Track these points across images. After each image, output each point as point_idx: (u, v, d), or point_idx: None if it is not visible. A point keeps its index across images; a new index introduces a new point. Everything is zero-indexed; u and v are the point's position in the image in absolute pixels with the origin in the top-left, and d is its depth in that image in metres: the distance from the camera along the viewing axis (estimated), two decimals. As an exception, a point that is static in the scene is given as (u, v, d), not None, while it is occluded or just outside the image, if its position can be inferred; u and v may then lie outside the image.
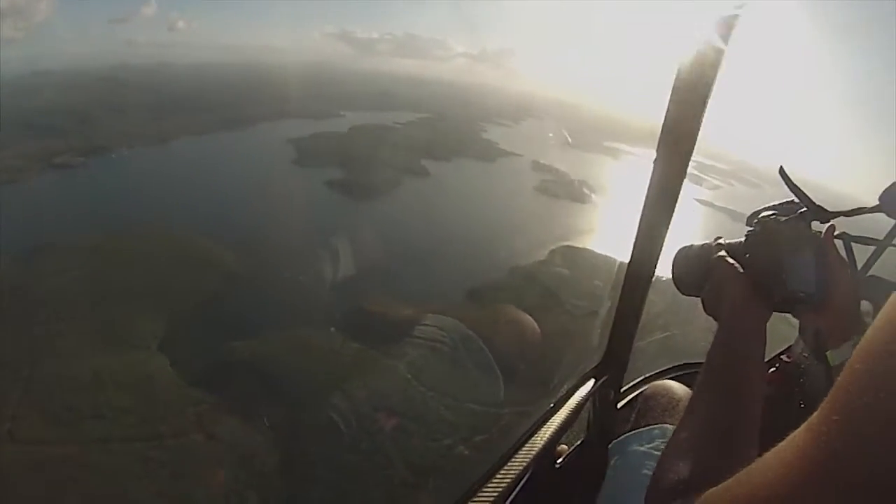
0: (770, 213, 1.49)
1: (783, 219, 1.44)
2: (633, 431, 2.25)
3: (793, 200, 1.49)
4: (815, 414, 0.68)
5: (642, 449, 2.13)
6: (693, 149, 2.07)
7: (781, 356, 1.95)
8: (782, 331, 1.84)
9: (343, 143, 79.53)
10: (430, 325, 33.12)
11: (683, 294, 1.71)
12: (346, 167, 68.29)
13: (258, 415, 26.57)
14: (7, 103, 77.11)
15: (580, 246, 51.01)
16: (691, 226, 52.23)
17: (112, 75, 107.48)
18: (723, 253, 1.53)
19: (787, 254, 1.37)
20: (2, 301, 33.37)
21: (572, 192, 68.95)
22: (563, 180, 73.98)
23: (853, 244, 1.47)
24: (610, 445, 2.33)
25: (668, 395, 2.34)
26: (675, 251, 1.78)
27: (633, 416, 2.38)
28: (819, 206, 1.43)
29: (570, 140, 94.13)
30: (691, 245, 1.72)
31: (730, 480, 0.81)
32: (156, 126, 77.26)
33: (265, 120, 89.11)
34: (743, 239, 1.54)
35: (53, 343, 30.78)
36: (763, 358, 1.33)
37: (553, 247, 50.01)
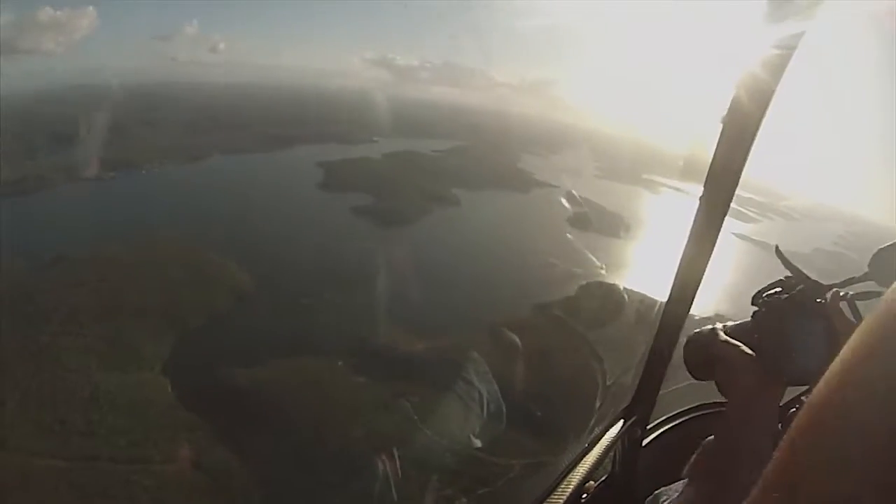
0: (774, 290, 1.58)
1: (786, 296, 1.53)
2: (669, 486, 2.10)
3: (791, 277, 1.57)
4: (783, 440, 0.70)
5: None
6: (737, 186, 2.07)
7: (801, 397, 1.78)
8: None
9: (374, 168, 78.91)
10: (442, 362, 31.72)
11: (696, 379, 1.77)
12: (373, 193, 67.50)
13: (248, 447, 25.48)
14: (44, 114, 78.44)
15: (611, 282, 48.51)
16: (729, 262, 49.86)
17: (152, 91, 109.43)
18: (727, 338, 1.60)
19: (796, 330, 1.46)
20: (15, 309, 32.79)
21: (606, 226, 66.14)
22: (597, 213, 71.39)
23: (857, 302, 1.46)
24: (657, 491, 2.09)
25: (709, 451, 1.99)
26: (686, 339, 1.84)
27: (671, 459, 2.10)
28: (815, 280, 1.52)
29: (606, 171, 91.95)
30: (701, 330, 1.77)
31: None
32: (189, 143, 77.89)
33: (297, 142, 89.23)
34: (749, 319, 1.62)
35: (58, 355, 30.38)
36: (774, 427, 1.43)
37: (584, 282, 47.87)
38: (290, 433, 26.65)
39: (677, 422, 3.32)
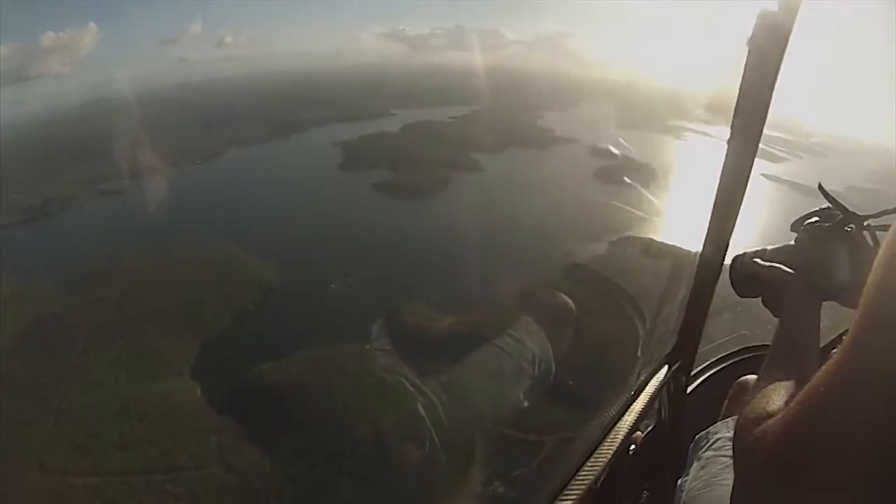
0: (813, 219, 1.79)
1: (825, 225, 1.73)
2: (721, 421, 2.42)
3: (829, 207, 1.74)
4: (848, 333, 0.89)
5: (729, 434, 2.27)
6: (764, 123, 2.11)
7: (842, 336, 1.63)
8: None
9: (393, 142, 77.44)
10: (471, 337, 30.79)
11: (741, 296, 1.99)
12: (393, 168, 66.30)
13: (277, 445, 25.23)
14: (60, 135, 79.36)
15: (643, 236, 46.88)
16: (760, 204, 47.75)
17: (165, 96, 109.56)
18: (773, 264, 1.82)
19: (829, 253, 1.68)
20: (44, 331, 33.10)
21: (634, 177, 63.43)
22: (623, 164, 68.89)
23: (878, 233, 1.64)
24: (697, 436, 2.41)
25: (746, 387, 2.40)
26: (731, 259, 2.05)
27: (715, 406, 2.58)
28: (852, 211, 1.69)
29: (628, 121, 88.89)
30: (745, 252, 2.00)
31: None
32: (205, 141, 77.65)
33: (314, 125, 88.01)
34: (792, 243, 1.86)
35: (87, 372, 30.22)
36: (818, 337, 1.59)
37: (614, 238, 46.29)
38: (318, 427, 26.10)
39: (719, 367, 3.39)
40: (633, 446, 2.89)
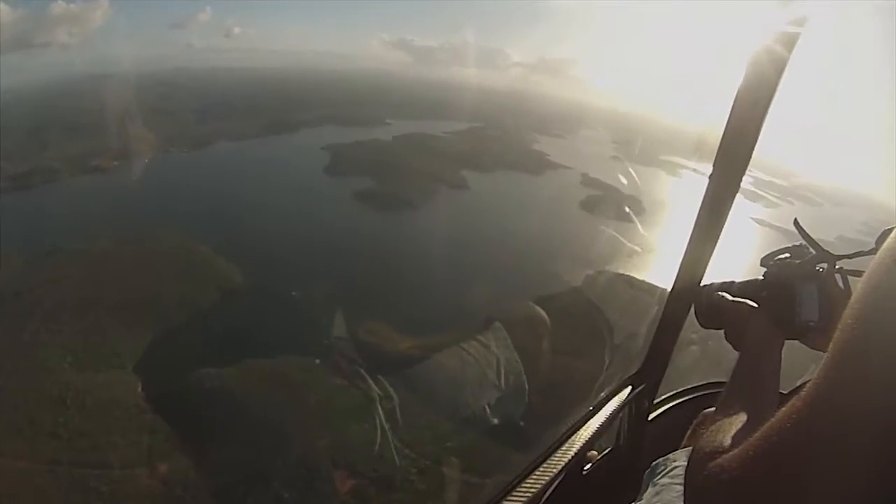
0: (784, 255, 1.77)
1: (796, 262, 1.72)
2: (681, 450, 2.35)
3: (802, 244, 1.75)
4: (819, 368, 0.85)
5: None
6: (748, 164, 2.14)
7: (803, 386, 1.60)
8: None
9: (382, 151, 76.83)
10: (426, 363, 30.48)
11: (703, 327, 2.00)
12: (377, 177, 65.73)
13: (207, 455, 24.57)
14: (58, 106, 78.86)
15: (620, 271, 45.73)
16: (747, 246, 47.36)
17: (167, 79, 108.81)
18: (737, 299, 1.80)
19: (798, 290, 1.63)
20: (2, 306, 32.79)
21: (620, 210, 63.10)
22: (612, 196, 68.82)
23: (850, 277, 1.63)
24: (654, 462, 2.34)
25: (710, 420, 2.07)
26: (697, 290, 2.05)
27: (676, 435, 2.45)
28: (825, 250, 1.68)
29: (623, 152, 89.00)
30: (712, 283, 2.00)
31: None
32: (197, 130, 77.17)
33: (308, 126, 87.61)
34: (760, 277, 1.82)
35: (35, 354, 29.66)
36: (778, 374, 1.52)
37: (590, 272, 44.86)
38: (252, 441, 25.34)
39: (685, 398, 3.32)
40: (588, 466, 2.92)
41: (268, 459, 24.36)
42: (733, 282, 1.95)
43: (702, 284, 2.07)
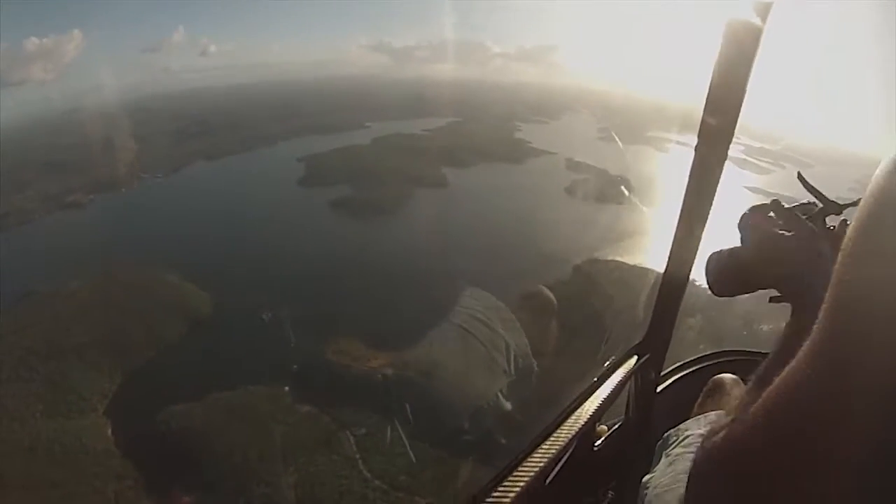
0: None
1: (804, 217, 1.59)
2: (692, 418, 2.34)
3: (810, 202, 1.66)
4: (816, 326, 0.78)
5: (701, 431, 2.19)
6: (734, 131, 2.12)
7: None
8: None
9: (360, 156, 75.74)
10: (399, 382, 29.48)
11: (718, 295, 1.83)
12: (354, 184, 64.57)
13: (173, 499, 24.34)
14: (35, 143, 78.52)
15: (608, 258, 44.08)
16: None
17: (144, 105, 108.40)
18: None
19: None
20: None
21: (607, 192, 61.91)
22: (597, 179, 67.43)
23: None
24: (666, 433, 2.35)
25: (722, 385, 2.42)
26: (706, 258, 1.88)
27: (686, 405, 2.45)
28: (832, 200, 1.62)
29: (608, 132, 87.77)
30: (721, 250, 1.84)
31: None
32: (174, 153, 76.16)
33: (285, 137, 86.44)
34: None
35: (5, 403, 29.59)
36: None
37: (578, 262, 43.23)
38: (215, 484, 24.76)
39: (693, 368, 3.33)
40: (599, 440, 2.88)
41: (234, 500, 23.72)
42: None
43: (710, 253, 1.84)
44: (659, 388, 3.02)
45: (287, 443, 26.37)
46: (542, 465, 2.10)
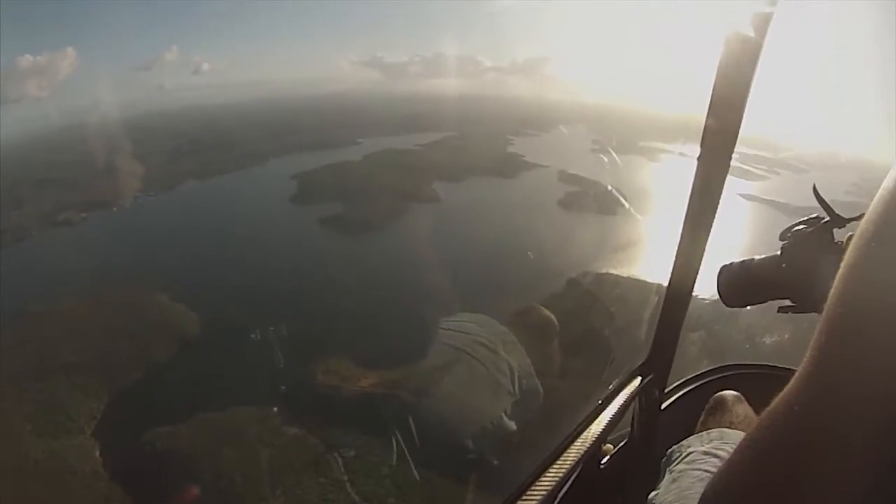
0: (800, 227, 1.77)
1: (810, 230, 1.72)
2: (695, 435, 2.37)
3: (818, 215, 1.72)
4: (810, 348, 0.76)
5: (703, 448, 2.25)
6: (735, 143, 2.16)
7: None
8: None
9: (351, 173, 75.10)
10: (390, 402, 29.19)
11: (729, 306, 1.98)
12: (345, 201, 64.07)
13: None
14: (31, 160, 78.57)
15: (604, 271, 43.99)
16: (739, 225, 46.47)
17: (138, 124, 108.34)
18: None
19: (815, 260, 1.63)
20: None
21: (601, 204, 60.97)
22: (591, 191, 67.07)
23: None
24: (670, 450, 2.37)
25: (724, 402, 2.49)
26: (718, 270, 1.99)
27: (690, 421, 2.50)
28: (838, 215, 1.67)
29: (601, 144, 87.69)
30: (732, 262, 1.97)
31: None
32: (166, 172, 75.71)
33: (277, 155, 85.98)
34: (778, 252, 1.81)
35: None
36: None
37: (573, 275, 42.47)
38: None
39: (696, 384, 3.36)
40: (604, 459, 2.90)
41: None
42: (753, 259, 1.91)
43: (722, 265, 1.98)
44: (663, 406, 3.06)
45: (274, 465, 26.09)
46: (549, 488, 2.14)
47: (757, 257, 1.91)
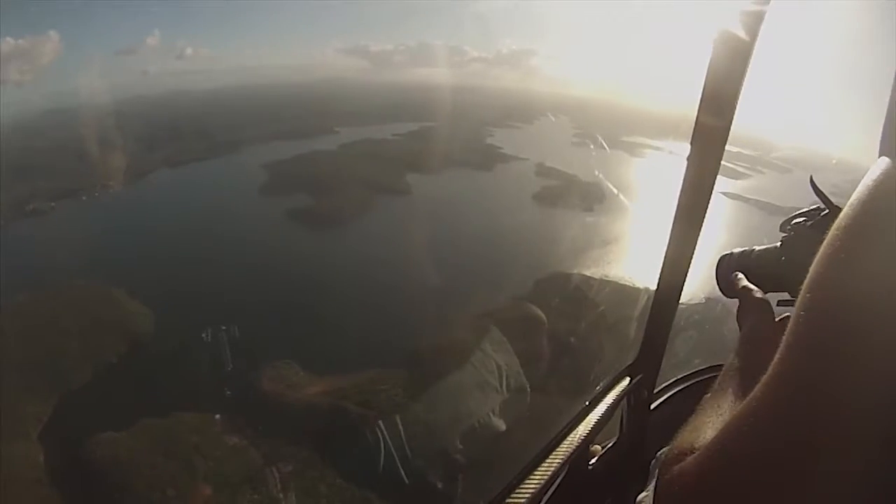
0: (800, 219, 1.72)
1: (811, 223, 1.68)
2: (671, 446, 2.01)
3: (818, 207, 1.69)
4: (778, 354, 0.74)
5: None
6: (726, 142, 2.14)
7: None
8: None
9: (324, 163, 73.83)
10: (333, 412, 28.64)
11: (727, 297, 1.89)
12: (314, 192, 62.94)
13: None
14: (11, 146, 76.89)
15: (573, 271, 43.00)
16: (723, 224, 46.27)
17: (119, 109, 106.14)
18: (748, 285, 1.70)
19: (814, 253, 1.40)
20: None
21: (577, 198, 60.29)
22: (569, 184, 66.65)
23: None
24: (659, 452, 2.28)
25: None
26: (717, 261, 1.97)
27: (682, 422, 2.03)
28: (838, 207, 1.58)
29: (583, 137, 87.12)
30: (732, 252, 1.96)
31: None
32: (141, 159, 74.30)
33: (253, 143, 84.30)
34: (778, 244, 1.79)
35: None
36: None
37: (540, 276, 42.03)
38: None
39: (686, 384, 3.28)
40: (592, 460, 2.83)
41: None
42: (753, 249, 1.89)
43: (722, 255, 1.95)
44: (652, 406, 3.02)
45: (210, 478, 25.37)
46: (535, 490, 2.10)
47: (757, 248, 1.89)
